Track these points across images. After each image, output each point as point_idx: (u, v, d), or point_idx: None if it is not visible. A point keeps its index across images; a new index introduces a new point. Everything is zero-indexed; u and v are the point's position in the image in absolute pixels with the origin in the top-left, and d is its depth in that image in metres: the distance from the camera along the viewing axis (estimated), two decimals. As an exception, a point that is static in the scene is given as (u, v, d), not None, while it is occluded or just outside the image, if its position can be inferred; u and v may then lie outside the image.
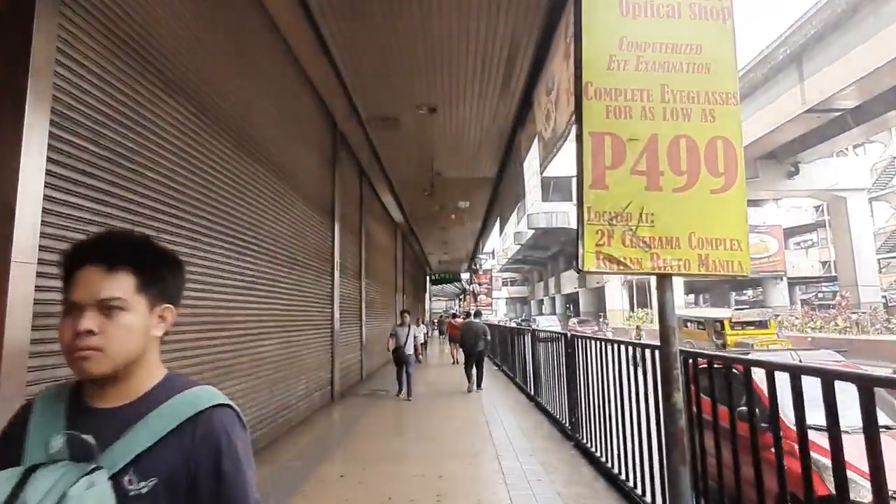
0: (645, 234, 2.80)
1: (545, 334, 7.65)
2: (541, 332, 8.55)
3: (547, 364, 7.67)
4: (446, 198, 16.61)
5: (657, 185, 2.85)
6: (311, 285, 8.52)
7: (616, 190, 2.84)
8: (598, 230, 2.79)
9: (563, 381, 6.56)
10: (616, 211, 2.81)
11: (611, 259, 2.76)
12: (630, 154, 2.87)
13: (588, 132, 2.88)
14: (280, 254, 7.00)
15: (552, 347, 7.22)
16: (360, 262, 13.01)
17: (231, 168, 5.53)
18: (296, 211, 7.76)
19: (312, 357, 8.51)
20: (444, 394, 10.43)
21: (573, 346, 6.07)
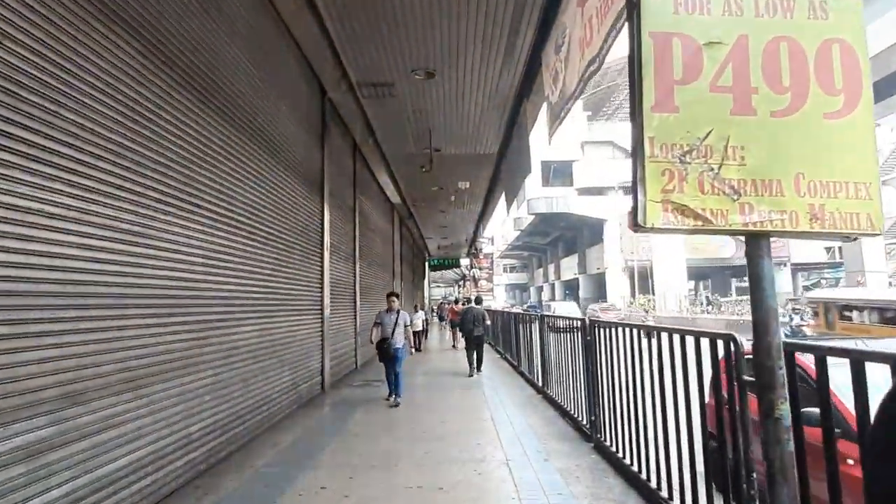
0: (732, 177, 1.97)
1: (564, 322, 6.76)
2: (555, 319, 7.69)
3: (560, 354, 6.86)
4: (445, 177, 15.74)
5: (748, 108, 2.01)
6: (297, 266, 7.70)
7: (690, 114, 2.00)
8: (666, 170, 1.96)
9: (580, 373, 5.76)
10: (690, 144, 1.98)
11: (683, 210, 1.94)
12: (709, 64, 2.03)
13: (648, 32, 2.03)
14: (259, 230, 6.17)
15: (568, 336, 6.40)
16: (355, 243, 12.19)
17: (197, 127, 4.68)
18: (278, 182, 6.91)
19: (299, 346, 7.71)
20: (445, 383, 9.66)
21: (593, 335, 5.26)
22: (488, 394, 8.40)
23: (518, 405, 7.45)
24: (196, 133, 4.67)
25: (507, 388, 9.04)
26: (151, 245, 3.89)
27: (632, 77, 2.06)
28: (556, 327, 7.21)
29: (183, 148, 4.39)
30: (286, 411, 7.01)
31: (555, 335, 7.25)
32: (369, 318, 13.50)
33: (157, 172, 3.97)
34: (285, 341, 7.10)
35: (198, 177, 4.66)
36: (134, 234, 3.68)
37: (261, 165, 6.31)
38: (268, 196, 6.53)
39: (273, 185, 6.73)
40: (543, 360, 8.01)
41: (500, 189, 17.34)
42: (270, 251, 6.56)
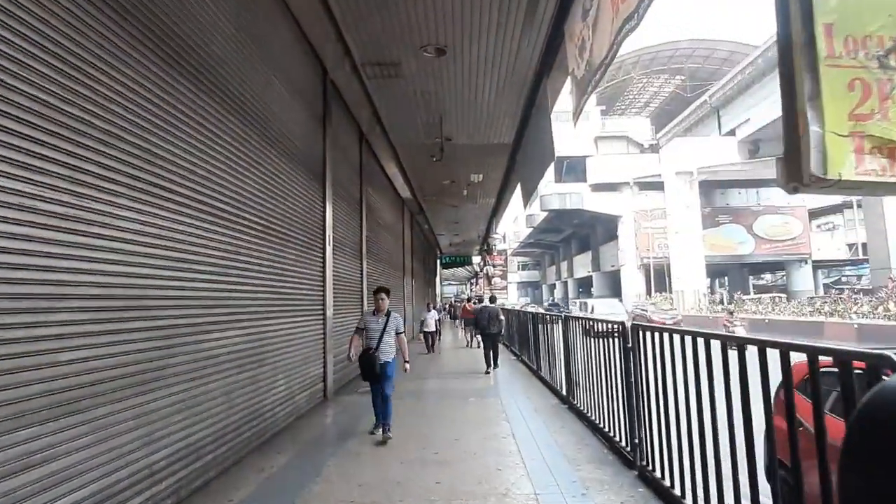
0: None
1: (604, 326, 5.66)
2: (587, 321, 6.80)
3: (591, 361, 6.01)
4: (457, 169, 14.93)
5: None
6: (294, 262, 6.93)
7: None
8: (856, 80, 1.13)
9: (617, 384, 4.92)
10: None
11: (891, 149, 1.11)
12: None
13: None
14: (246, 220, 5.40)
15: (601, 341, 5.55)
16: (361, 238, 11.42)
17: (168, 98, 3.91)
18: (271, 167, 6.13)
19: (296, 350, 6.95)
20: (459, 389, 8.85)
21: (636, 342, 4.42)
22: (506, 402, 7.58)
23: (541, 417, 6.62)
24: (167, 104, 3.90)
25: (527, 395, 8.21)
26: (92, 232, 3.11)
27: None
28: (590, 330, 6.32)
29: (137, 114, 3.60)
30: (281, 425, 6.24)
31: (583, 338, 6.40)
32: None
33: (99, 141, 3.19)
34: (280, 346, 6.33)
35: (162, 153, 3.88)
36: (66, 217, 2.90)
37: (249, 146, 5.54)
38: (258, 182, 5.76)
39: (265, 169, 5.96)
40: (569, 367, 7.17)
41: (515, 182, 16.49)
42: (262, 245, 5.79)
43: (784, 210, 43.08)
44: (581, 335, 6.38)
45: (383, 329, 6.04)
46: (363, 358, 5.93)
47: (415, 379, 10.14)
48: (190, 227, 4.23)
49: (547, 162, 8.98)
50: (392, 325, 6.13)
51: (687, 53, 45.32)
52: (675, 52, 45.34)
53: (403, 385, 9.13)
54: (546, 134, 8.75)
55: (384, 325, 6.07)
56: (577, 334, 6.64)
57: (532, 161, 10.71)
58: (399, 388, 8.82)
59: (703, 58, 45.46)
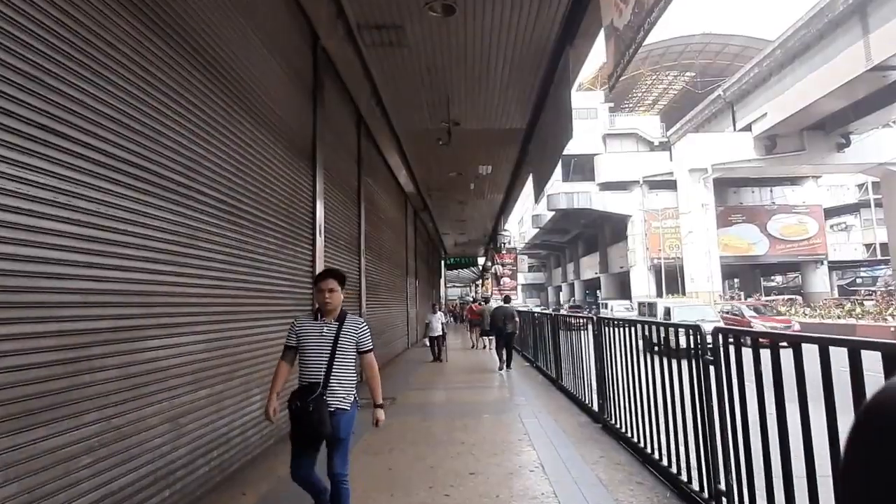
0: None
1: (693, 338, 4.25)
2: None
3: (638, 375, 4.86)
4: (465, 160, 13.81)
5: None
6: (273, 253, 5.81)
7: None
8: None
9: (683, 409, 3.78)
10: None
11: None
12: None
13: None
14: (204, 195, 4.28)
15: (654, 352, 4.40)
16: (359, 232, 10.30)
17: (118, 43, 2.81)
18: (242, 136, 5.03)
19: (276, 359, 5.82)
20: (471, 402, 7.70)
21: (721, 358, 3.27)
22: (528, 420, 6.43)
23: (571, 440, 5.47)
24: (117, 51, 2.80)
25: (549, 410, 7.06)
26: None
27: None
28: (655, 342, 4.97)
29: (89, 68, 2.49)
30: (254, 451, 5.12)
31: (624, 346, 5.25)
32: (377, 321, 11.66)
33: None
34: (254, 355, 5.21)
35: (68, 102, 2.78)
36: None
37: (213, 105, 4.42)
38: (224, 150, 4.65)
39: (234, 137, 4.85)
40: (603, 379, 6.02)
41: (526, 175, 15.37)
42: (228, 229, 4.68)
43: (799, 209, 41.80)
44: (625, 345, 5.19)
45: (333, 347, 3.32)
46: (294, 404, 3.19)
47: (420, 390, 9.02)
48: (114, 196, 3.11)
49: (563, 141, 7.84)
50: (349, 337, 3.39)
51: (698, 48, 44.15)
52: (686, 48, 44.19)
53: (407, 398, 8.02)
54: (564, 110, 7.62)
55: (333, 338, 3.35)
56: (616, 342, 5.46)
57: (546, 145, 9.58)
58: (402, 403, 7.71)
59: (715, 53, 44.30)
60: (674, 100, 52.62)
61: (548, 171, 10.15)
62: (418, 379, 10.36)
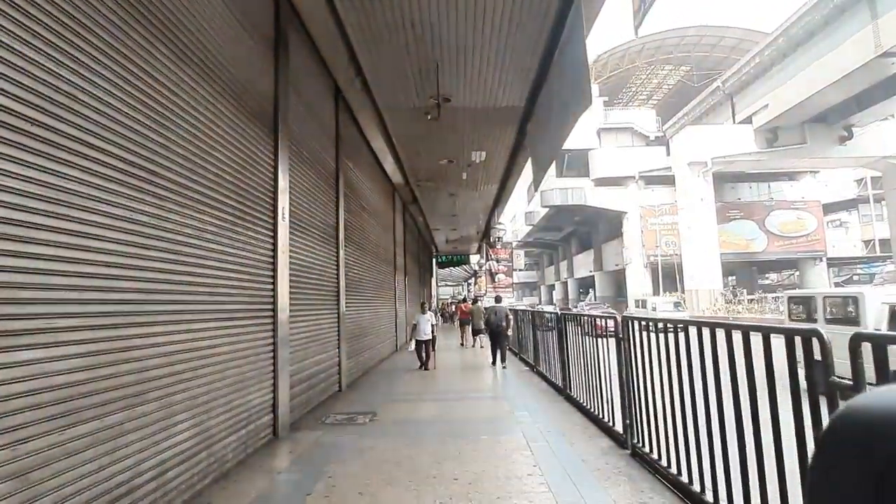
0: None
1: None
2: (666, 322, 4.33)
3: (682, 388, 3.65)
4: (456, 144, 12.58)
5: None
6: (215, 238, 4.55)
7: None
8: None
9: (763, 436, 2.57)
10: None
11: None
12: None
13: None
14: (102, 151, 3.02)
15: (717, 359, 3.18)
16: (337, 220, 9.05)
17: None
18: (165, 80, 3.76)
19: (221, 371, 4.56)
20: (466, 419, 6.48)
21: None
22: (536, 444, 5.21)
23: (596, 475, 4.25)
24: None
25: (562, 430, 5.85)
26: None
27: None
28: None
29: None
30: (177, 498, 3.84)
31: (648, 351, 4.04)
32: (360, 320, 10.38)
33: None
34: (180, 369, 3.95)
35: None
36: None
37: (121, 35, 3.16)
38: (137, 97, 3.38)
39: (152, 80, 3.58)
40: (629, 395, 4.81)
41: (523, 161, 14.16)
42: (134, 201, 3.42)
43: (797, 205, 40.96)
44: (667, 354, 3.96)
45: None
46: None
47: (406, 402, 7.79)
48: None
49: (576, 110, 6.61)
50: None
51: (694, 41, 43.21)
52: (682, 40, 43.23)
53: (390, 413, 6.77)
54: (577, 70, 6.39)
55: None
56: (650, 349, 4.23)
57: (550, 123, 8.35)
58: (384, 420, 6.46)
59: (711, 46, 43.36)
60: (669, 94, 51.67)
61: (552, 150, 8.90)
62: (404, 388, 9.12)
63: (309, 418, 6.66)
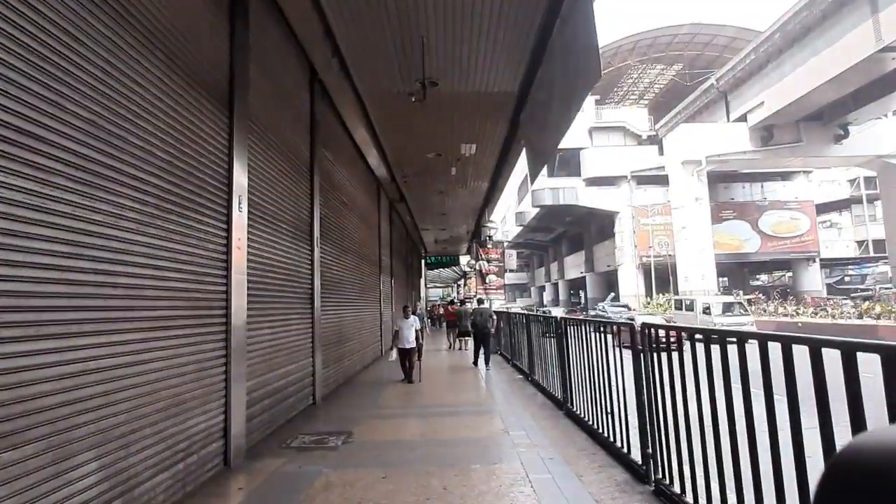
0: None
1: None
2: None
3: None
4: (444, 135, 11.73)
5: None
6: (150, 229, 3.66)
7: None
8: None
9: None
10: None
11: None
12: None
13: None
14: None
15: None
16: (312, 215, 8.16)
17: None
18: (85, 34, 2.87)
19: (151, 395, 3.66)
20: (452, 439, 5.62)
21: None
22: (537, 476, 4.36)
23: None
24: None
25: (566, 456, 5.01)
26: None
27: None
28: None
29: None
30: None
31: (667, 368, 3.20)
32: (339, 324, 9.36)
33: None
34: (96, 391, 3.05)
35: None
36: None
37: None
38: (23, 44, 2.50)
39: (52, 20, 2.70)
40: (652, 420, 3.97)
41: (515, 156, 13.34)
42: (26, 179, 2.53)
43: (791, 205, 40.52)
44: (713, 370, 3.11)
45: None
46: None
47: (387, 418, 6.92)
48: None
49: (583, 87, 5.77)
50: None
51: (686, 39, 42.70)
52: (675, 38, 42.71)
53: (367, 434, 5.87)
54: (584, 38, 5.56)
55: None
56: (672, 365, 3.38)
57: (551, 106, 7.52)
58: (361, 441, 5.56)
59: (704, 44, 42.88)
60: (661, 93, 51.16)
61: (553, 137, 8.01)
62: (386, 400, 8.25)
63: (272, 441, 5.76)
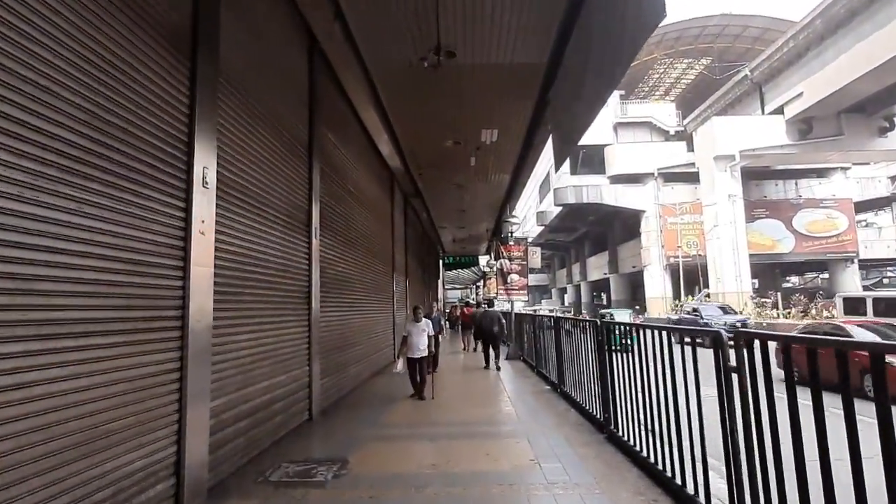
0: None
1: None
2: None
3: None
4: (463, 119, 10.63)
5: None
6: (59, 201, 2.62)
7: None
8: None
9: None
10: None
11: None
12: None
13: None
14: None
15: None
16: (310, 202, 7.12)
17: None
18: None
19: (61, 426, 2.61)
20: (469, 473, 4.51)
21: None
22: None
23: None
24: None
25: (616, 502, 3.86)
26: None
27: None
28: None
29: None
30: None
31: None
32: (344, 327, 8.04)
33: None
34: None
35: None
36: None
37: None
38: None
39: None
40: (745, 455, 2.81)
41: (542, 142, 12.16)
42: None
43: (827, 203, 38.49)
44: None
45: None
46: None
47: (390, 440, 5.82)
48: None
49: (650, 23, 4.59)
50: None
51: (716, 31, 40.99)
52: (703, 30, 41.03)
53: (364, 460, 4.73)
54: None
55: None
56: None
57: (586, 70, 6.35)
58: (357, 475, 4.43)
59: (734, 36, 41.11)
60: (689, 87, 49.38)
61: (587, 111, 6.84)
62: (393, 416, 7.15)
63: (249, 471, 4.70)
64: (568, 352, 7.88)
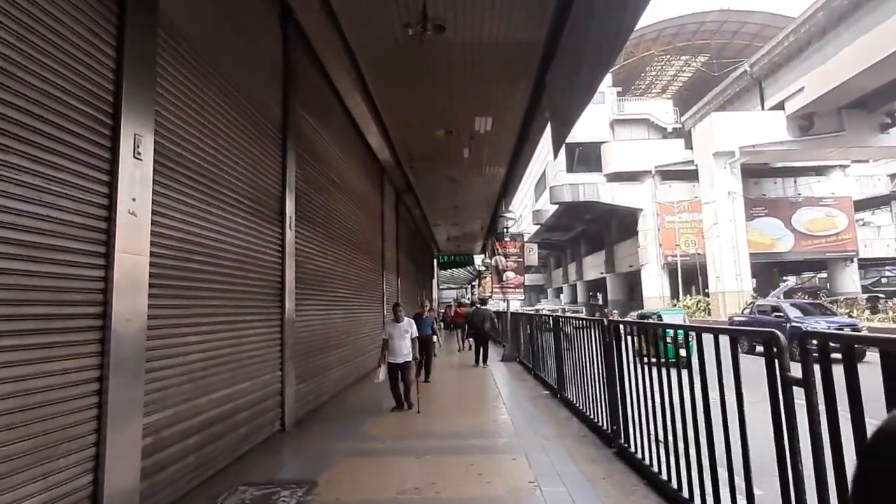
0: None
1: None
2: None
3: None
4: (456, 106, 9.92)
5: None
6: None
7: None
8: None
9: None
10: None
11: None
12: None
13: None
14: None
15: None
16: (283, 188, 6.40)
17: None
18: None
19: None
20: (457, 496, 3.82)
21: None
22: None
23: None
24: None
25: None
26: None
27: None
28: None
29: None
30: None
31: None
32: (324, 330, 7.15)
33: None
34: None
35: None
36: None
37: None
38: None
39: None
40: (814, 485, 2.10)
41: (539, 132, 11.47)
42: None
43: (827, 201, 37.98)
44: None
45: None
46: None
47: (369, 456, 5.10)
48: None
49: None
50: None
51: (713, 28, 40.46)
52: (701, 26, 40.49)
53: (336, 482, 3.99)
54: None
55: None
56: None
57: (585, 47, 5.68)
58: (325, 496, 3.70)
59: (732, 33, 40.59)
60: (686, 84, 48.85)
61: (586, 90, 6.18)
62: (375, 427, 6.43)
63: (197, 498, 3.98)
64: (569, 355, 7.17)
